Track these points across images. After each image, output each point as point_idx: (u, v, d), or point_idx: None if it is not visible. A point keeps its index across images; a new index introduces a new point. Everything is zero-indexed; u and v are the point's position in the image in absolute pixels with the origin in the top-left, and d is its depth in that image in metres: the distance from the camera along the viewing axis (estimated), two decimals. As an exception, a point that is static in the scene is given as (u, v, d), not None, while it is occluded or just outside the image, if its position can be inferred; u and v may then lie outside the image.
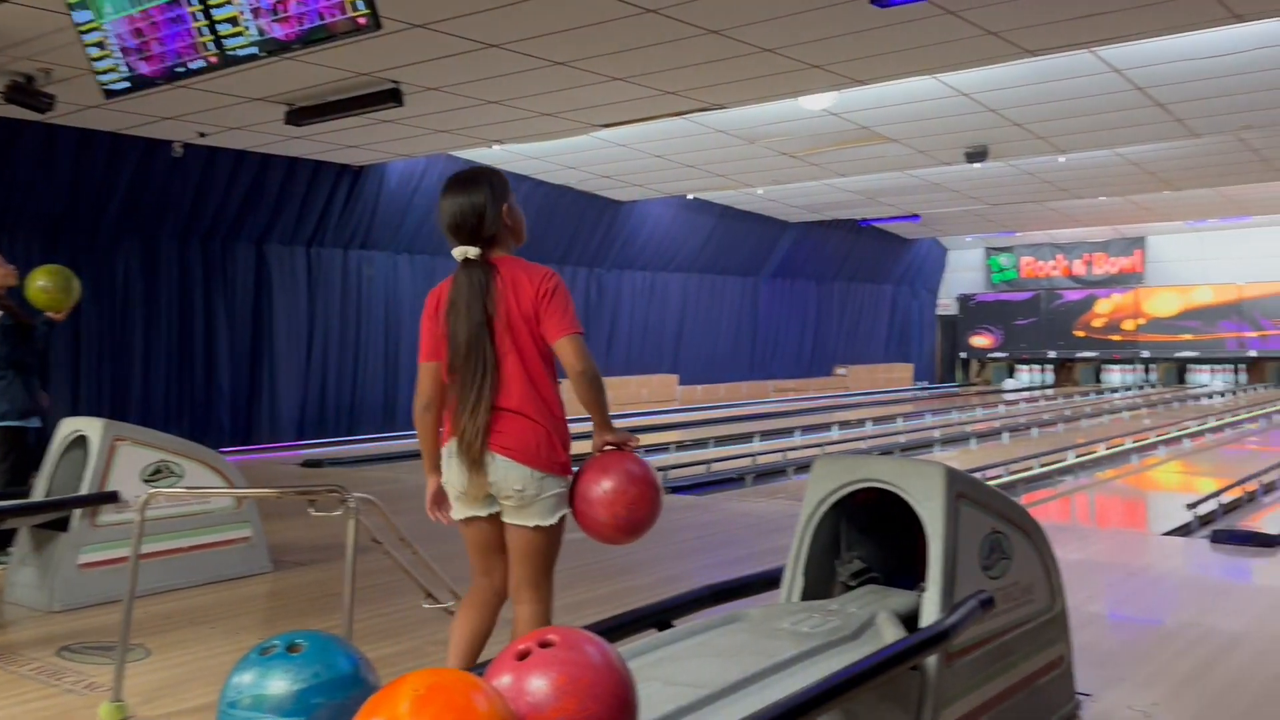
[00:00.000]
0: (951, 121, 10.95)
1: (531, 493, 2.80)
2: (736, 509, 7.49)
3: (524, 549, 2.86)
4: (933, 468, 2.77)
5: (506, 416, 2.80)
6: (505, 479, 2.81)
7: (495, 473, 2.81)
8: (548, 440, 2.82)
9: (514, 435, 2.80)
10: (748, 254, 19.34)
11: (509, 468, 2.79)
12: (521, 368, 2.80)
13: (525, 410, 2.80)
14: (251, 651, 1.77)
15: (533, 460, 2.79)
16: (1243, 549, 5.80)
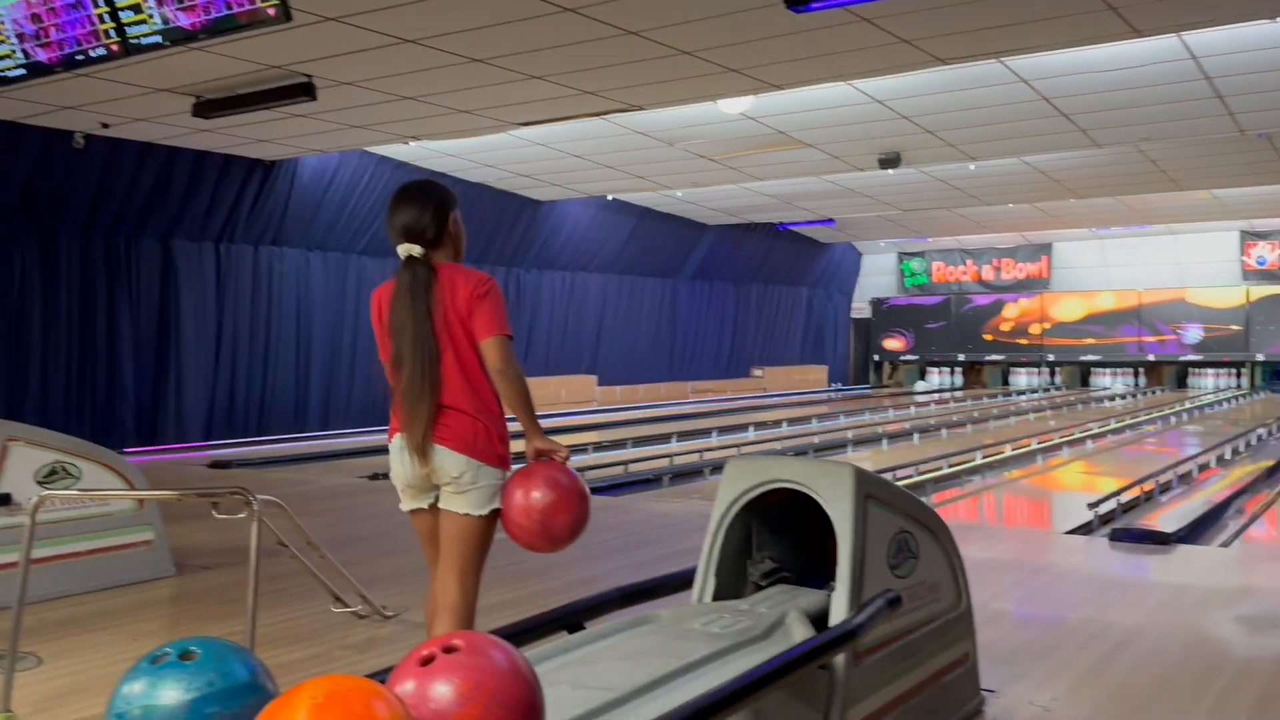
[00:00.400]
0: (866, 128, 11.13)
1: (468, 480, 2.94)
2: (653, 510, 7.49)
3: (454, 535, 2.98)
4: (842, 468, 2.80)
5: (446, 412, 2.95)
6: (444, 466, 2.96)
7: (437, 462, 2.96)
8: (485, 434, 2.97)
9: (453, 429, 2.95)
10: (667, 255, 19.40)
11: (448, 457, 2.95)
12: (458, 366, 2.95)
13: (462, 406, 2.95)
14: (142, 660, 1.70)
15: (470, 450, 2.94)
16: (1140, 547, 5.99)
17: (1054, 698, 3.48)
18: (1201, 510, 7.34)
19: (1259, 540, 7.06)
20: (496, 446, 2.99)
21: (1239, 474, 9.58)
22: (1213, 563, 5.79)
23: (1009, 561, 5.74)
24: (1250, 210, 19.28)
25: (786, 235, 21.86)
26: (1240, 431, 12.81)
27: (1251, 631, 4.36)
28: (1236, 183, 15.61)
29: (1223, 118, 10.37)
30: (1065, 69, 9.05)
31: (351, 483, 9.02)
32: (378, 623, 4.49)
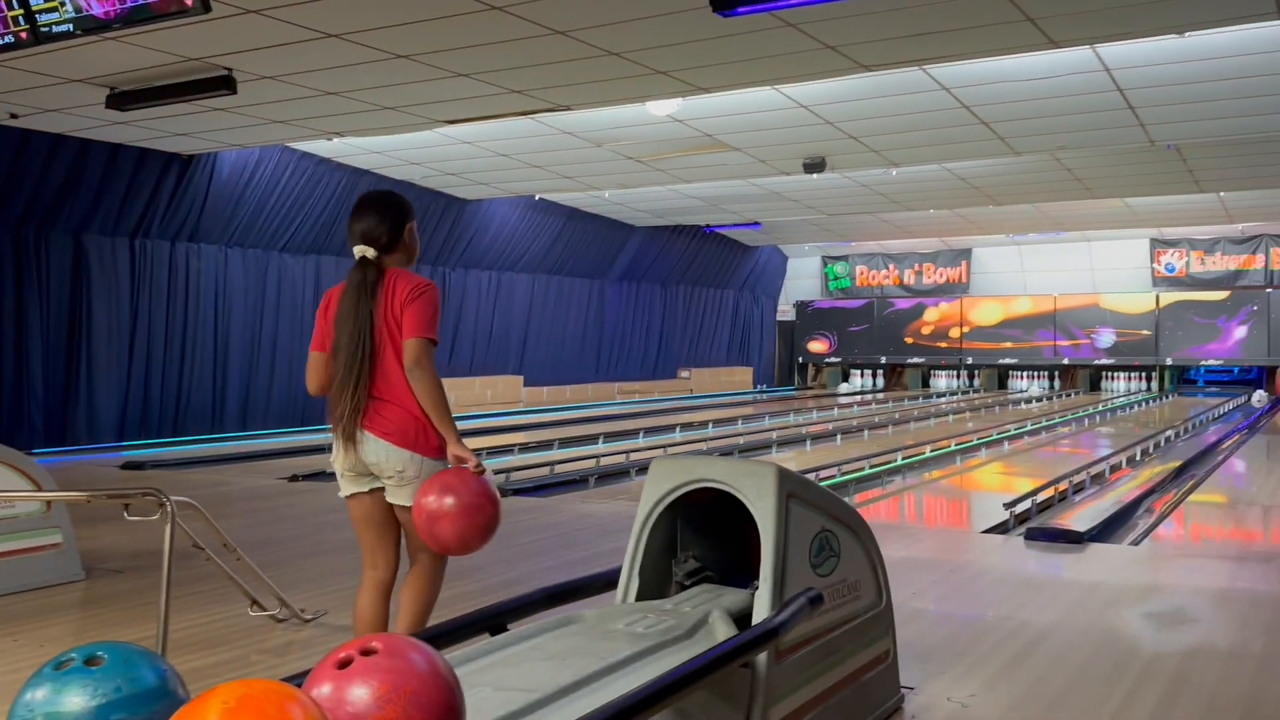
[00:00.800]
0: (791, 132, 11.24)
1: (411, 474, 3.14)
2: (578, 510, 7.47)
3: (410, 523, 3.21)
4: (765, 468, 2.81)
5: (384, 404, 3.15)
6: (386, 461, 3.15)
7: (375, 454, 3.15)
8: (421, 426, 3.15)
9: (391, 421, 3.14)
10: (594, 256, 19.39)
11: (388, 450, 3.14)
12: (397, 362, 3.15)
13: (401, 400, 3.15)
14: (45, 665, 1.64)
15: (409, 444, 3.14)
16: (1054, 546, 6.13)
17: (971, 694, 3.54)
18: (1113, 510, 7.54)
19: (1167, 539, 7.29)
20: (432, 438, 3.16)
21: (1148, 474, 9.88)
22: (1123, 561, 5.95)
23: (928, 560, 5.84)
24: (1160, 219, 19.92)
25: (713, 238, 22.00)
26: (1150, 433, 13.21)
27: (1159, 628, 4.49)
28: (1147, 192, 16.10)
29: (1134, 128, 10.69)
30: (985, 78, 9.24)
31: (271, 484, 8.85)
32: (296, 626, 4.41)
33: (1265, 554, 6.37)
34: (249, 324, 13.40)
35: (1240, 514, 8.23)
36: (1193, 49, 8.36)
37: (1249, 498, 9.03)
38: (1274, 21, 7.47)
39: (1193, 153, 12.58)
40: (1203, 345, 21.90)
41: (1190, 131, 10.98)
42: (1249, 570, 5.62)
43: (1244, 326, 21.49)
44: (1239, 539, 7.25)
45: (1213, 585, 5.28)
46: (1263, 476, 10.43)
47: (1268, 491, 9.30)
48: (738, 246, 23.42)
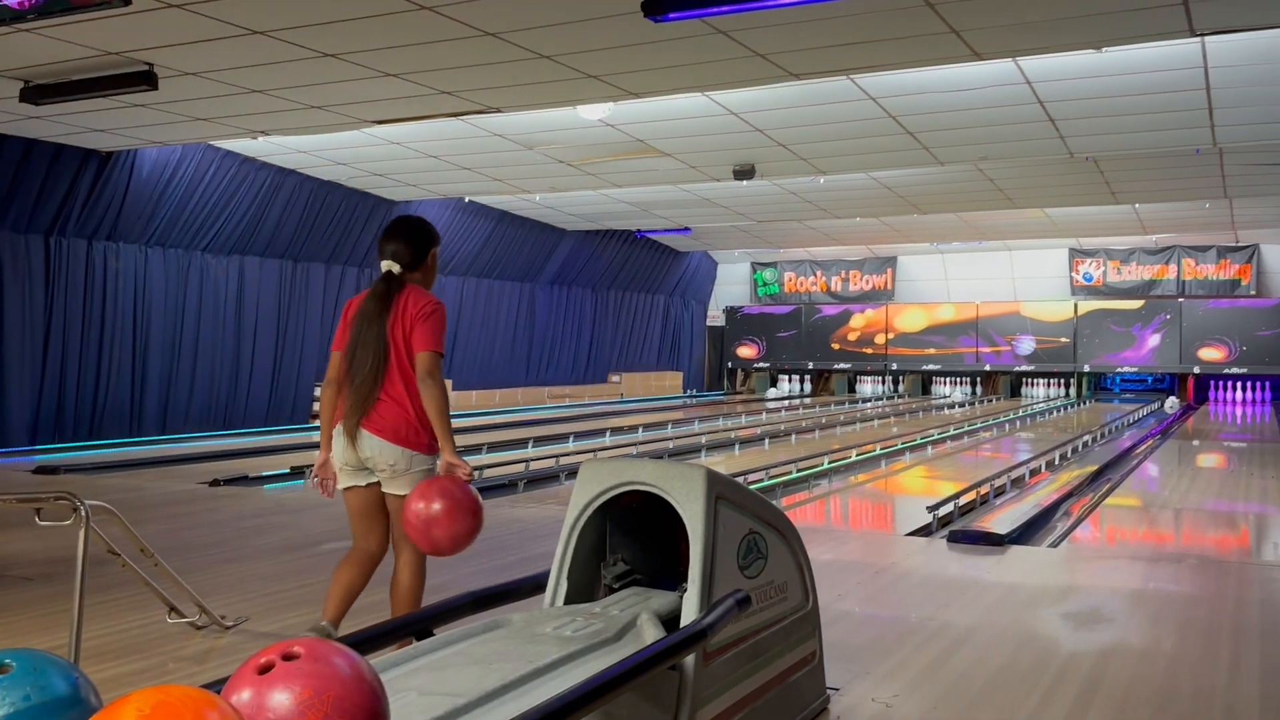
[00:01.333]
0: (721, 139, 11.32)
1: (402, 467, 3.54)
2: (508, 515, 7.43)
3: (399, 512, 3.55)
4: (694, 471, 2.82)
5: (383, 404, 3.54)
6: (380, 455, 3.54)
7: (370, 449, 3.55)
8: (414, 426, 3.54)
9: (387, 419, 3.53)
10: (525, 260, 19.31)
11: (382, 446, 3.53)
12: (399, 369, 3.54)
13: (398, 400, 3.53)
14: (-51, 676, 1.57)
15: (402, 440, 3.53)
16: (975, 548, 6.25)
17: (895, 694, 3.59)
18: (1032, 513, 7.71)
19: (1084, 541, 7.48)
20: (423, 437, 3.55)
21: (1066, 478, 10.12)
22: (1042, 562, 6.09)
23: (854, 562, 5.91)
24: (1078, 229, 20.46)
25: (644, 243, 22.05)
26: (1068, 438, 13.55)
27: (1076, 627, 4.60)
28: (1066, 203, 16.52)
29: (1054, 140, 10.96)
30: (911, 88, 9.41)
31: (191, 489, 8.65)
32: (216, 633, 4.31)
33: (1177, 555, 6.57)
34: (169, 325, 13.09)
35: (1154, 516, 8.48)
36: (1110, 64, 8.60)
37: (1162, 501, 9.31)
38: (1187, 39, 7.72)
39: (1110, 165, 12.95)
40: (1118, 353, 22.54)
41: (1107, 145, 11.30)
42: (1161, 571, 5.79)
43: (1157, 335, 22.18)
44: (1152, 541, 7.46)
45: (1127, 586, 5.43)
46: (1175, 480, 10.76)
47: (1179, 494, 9.60)
48: (668, 252, 23.51)
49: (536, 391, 20.02)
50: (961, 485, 8.78)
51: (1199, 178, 13.67)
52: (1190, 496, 9.46)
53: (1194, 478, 10.95)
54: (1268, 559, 6.81)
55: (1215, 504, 9.10)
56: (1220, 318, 21.65)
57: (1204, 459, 13.11)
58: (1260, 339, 21.23)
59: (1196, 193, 15.17)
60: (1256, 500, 9.28)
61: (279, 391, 14.67)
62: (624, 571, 3.05)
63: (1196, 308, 21.83)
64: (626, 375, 22.71)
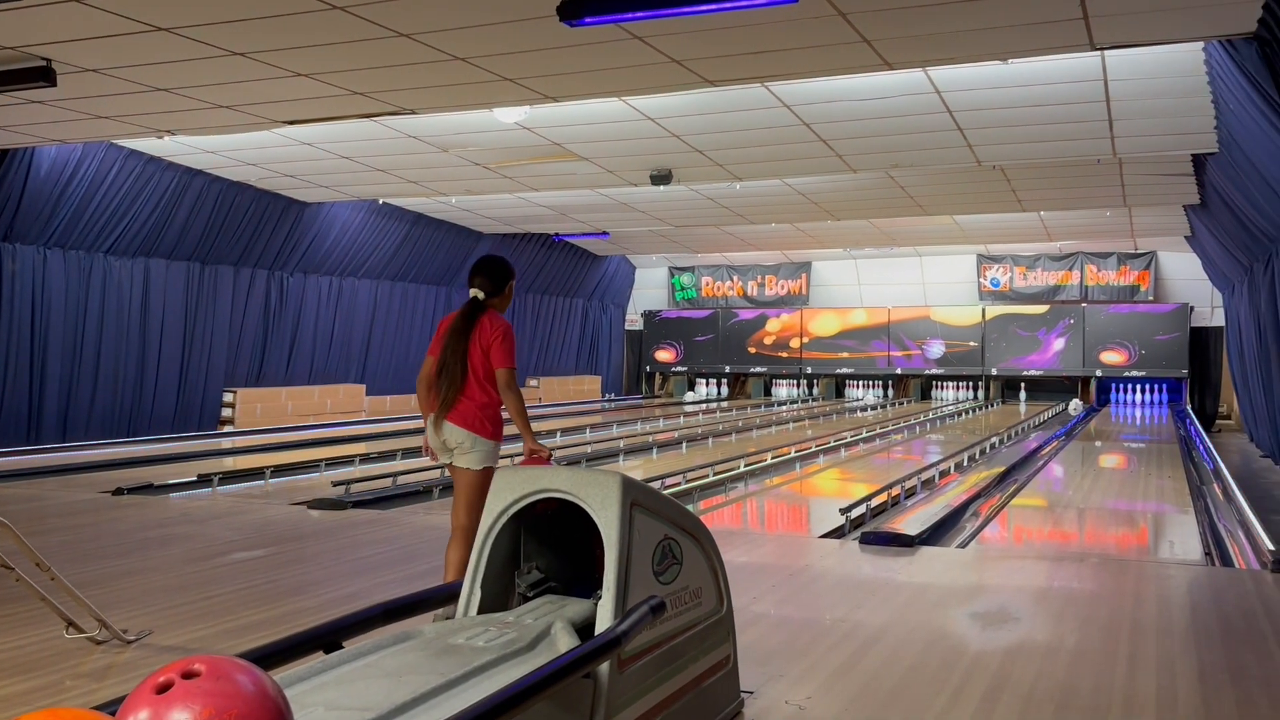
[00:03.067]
0: (638, 144, 11.35)
1: (467, 447, 4.63)
2: (422, 523, 7.34)
3: (463, 483, 4.67)
4: (609, 477, 2.82)
5: (463, 400, 4.64)
6: (452, 436, 4.64)
7: (447, 433, 4.65)
8: (480, 417, 4.64)
9: (460, 412, 4.64)
10: (441, 263, 19.13)
11: (454, 430, 4.64)
12: (474, 375, 4.66)
13: (473, 398, 4.65)
14: None
15: (469, 426, 4.63)
16: (887, 549, 6.36)
17: (808, 696, 3.63)
18: (942, 514, 7.87)
19: (992, 541, 7.66)
20: (487, 426, 4.65)
21: (975, 480, 10.35)
22: (951, 563, 6.22)
23: (769, 565, 5.97)
24: (986, 236, 20.97)
25: (562, 246, 22.01)
26: (976, 440, 13.87)
27: (984, 627, 4.71)
28: (974, 210, 16.92)
29: (962, 149, 11.21)
30: (824, 96, 9.55)
31: (93, 498, 8.37)
32: (117, 648, 4.17)
33: (1080, 554, 6.77)
34: (70, 328, 12.65)
35: (1058, 516, 8.73)
36: (1016, 75, 8.84)
37: (1066, 500, 9.59)
38: (1088, 53, 7.97)
39: (1016, 174, 13.30)
40: (1024, 356, 23.15)
41: (1013, 154, 11.60)
42: (1065, 569, 5.96)
43: (1062, 339, 22.84)
44: (1057, 540, 7.68)
45: (1033, 584, 5.58)
46: (1078, 480, 11.09)
47: (1082, 494, 9.89)
48: (586, 256, 23.50)
49: (453, 396, 19.78)
50: (874, 487, 8.93)
51: (1100, 187, 14.12)
52: (1092, 496, 9.76)
53: (1096, 478, 11.30)
54: (1164, 556, 7.05)
55: (1116, 503, 9.41)
56: (1121, 322, 22.38)
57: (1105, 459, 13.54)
58: (1158, 343, 22.00)
59: (1098, 201, 15.66)
60: (1154, 499, 9.61)
61: (186, 397, 14.29)
62: (539, 580, 3.03)
63: (1099, 312, 22.54)
64: (545, 379, 22.64)
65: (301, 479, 9.97)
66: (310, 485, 9.46)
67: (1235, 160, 9.83)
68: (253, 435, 14.12)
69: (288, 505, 8.10)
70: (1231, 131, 9.17)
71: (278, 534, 6.88)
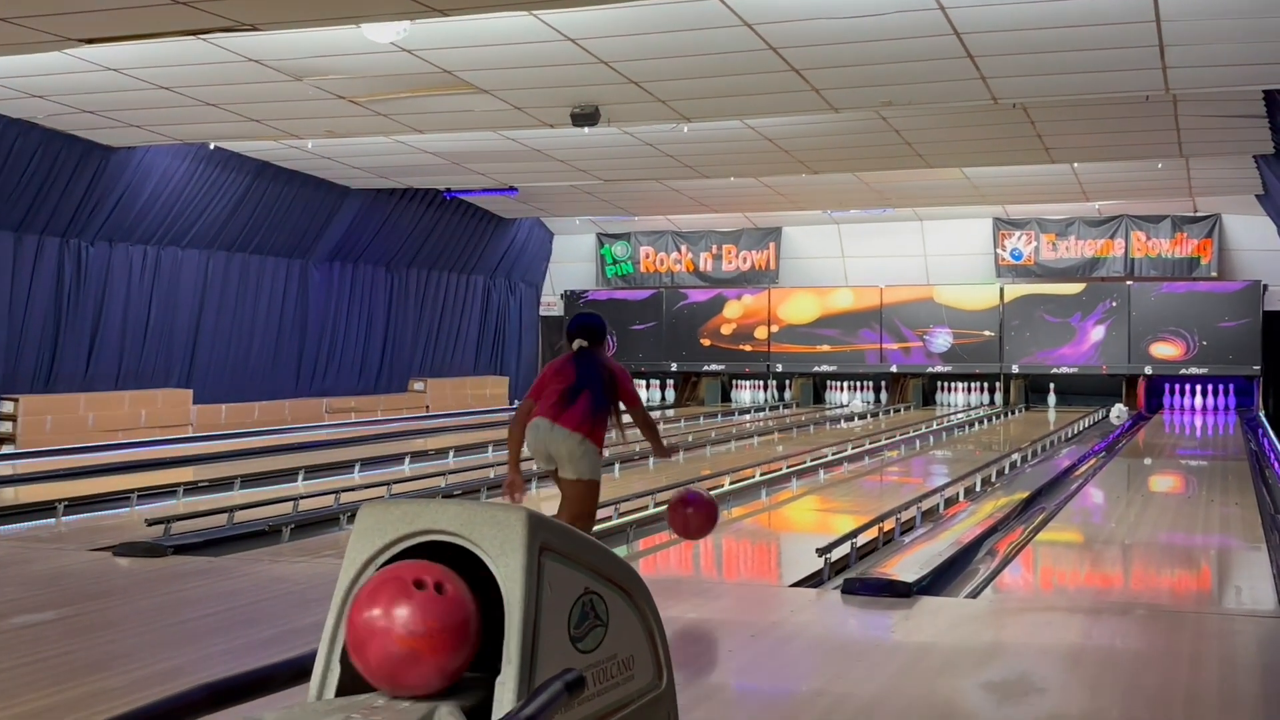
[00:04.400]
0: (555, 73, 11.32)
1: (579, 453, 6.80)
2: (268, 573, 7.29)
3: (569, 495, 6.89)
4: (511, 514, 2.80)
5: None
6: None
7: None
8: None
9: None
10: (294, 228, 18.97)
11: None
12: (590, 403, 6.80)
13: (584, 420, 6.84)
14: None
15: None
16: (877, 600, 6.40)
17: (775, 794, 3.64)
18: (948, 553, 7.95)
19: (1012, 588, 7.75)
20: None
21: (990, 508, 10.47)
22: (960, 617, 6.28)
23: (726, 622, 5.99)
24: (1005, 195, 21.28)
25: (456, 206, 21.90)
26: (993, 458, 14.05)
27: (1001, 700, 4.76)
28: (990, 161, 17.16)
29: (974, 82, 11.34)
30: (795, 13, 9.60)
31: None
32: None
33: (1123, 604, 6.88)
34: None
35: (1096, 554, 8.88)
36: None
37: (1106, 535, 9.75)
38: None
39: (1042, 115, 13.50)
40: (1054, 349, 23.50)
41: (1040, 88, 11.77)
42: (1104, 625, 6.05)
43: (1101, 326, 23.21)
44: (1094, 585, 7.80)
45: (1063, 643, 5.66)
46: (1122, 508, 11.29)
47: (1127, 527, 10.07)
48: (488, 219, 23.41)
49: (310, 405, 19.69)
50: (861, 520, 8.99)
51: (1149, 131, 14.39)
52: (1140, 529, 9.95)
53: (1145, 505, 11.52)
54: (1229, 606, 7.21)
55: (1169, 538, 9.59)
56: (1176, 305, 22.82)
57: (1157, 482, 13.80)
58: (1223, 331, 22.42)
59: (1146, 150, 15.97)
60: (1218, 532, 9.82)
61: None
62: (418, 648, 3.00)
63: (1148, 292, 22.95)
64: (433, 382, 22.55)
65: (106, 516, 9.81)
66: (118, 524, 9.30)
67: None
68: (40, 458, 13.85)
69: (87, 551, 7.96)
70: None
71: (74, 590, 6.76)
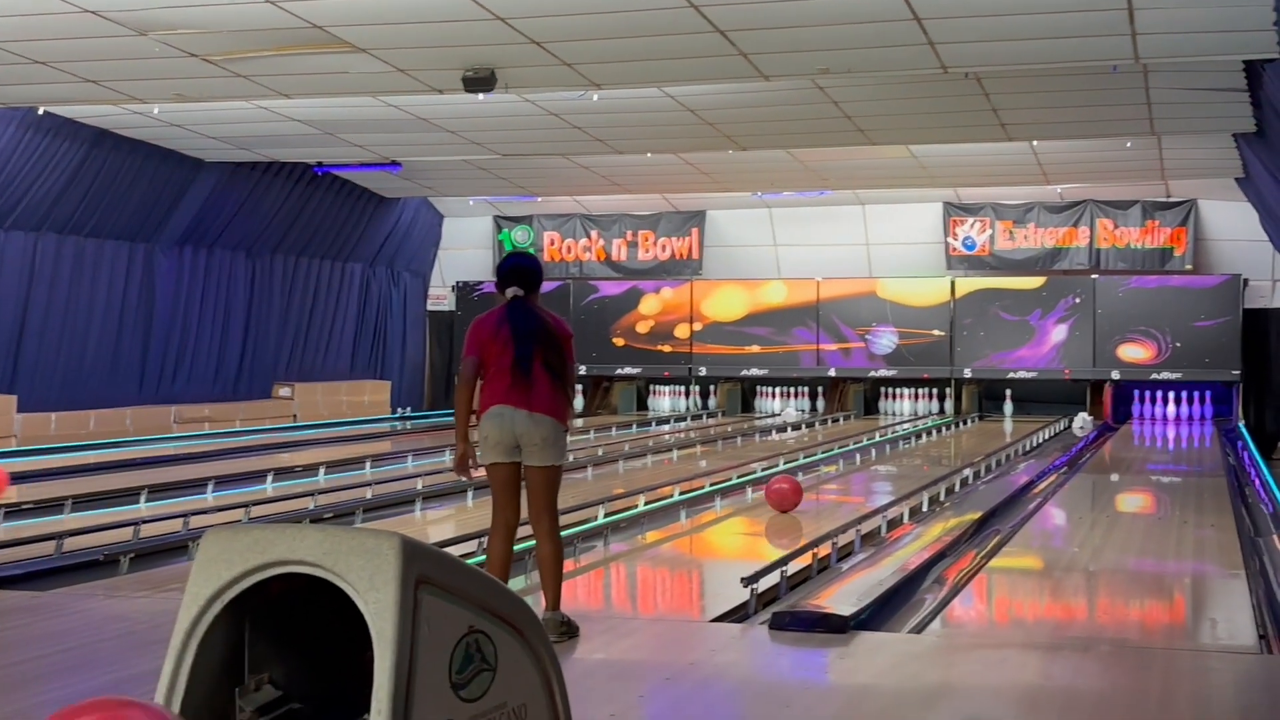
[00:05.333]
0: (446, 30, 11.26)
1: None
2: (103, 610, 7.22)
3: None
4: (383, 541, 2.79)
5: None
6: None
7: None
8: None
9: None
10: (138, 207, 18.78)
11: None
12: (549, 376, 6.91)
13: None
14: None
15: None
16: (810, 636, 6.42)
17: None
18: (891, 582, 8.01)
19: (962, 621, 7.82)
20: None
21: (939, 531, 10.58)
22: (903, 655, 6.33)
23: (639, 663, 6.01)
24: (956, 176, 21.53)
25: (329, 183, 21.78)
26: (943, 474, 14.21)
27: (947, 747, 4.81)
28: (939, 138, 17.33)
29: (922, 48, 11.44)
30: (721, -35, 9.63)
31: None
32: None
33: (1085, 639, 6.98)
34: None
35: (1057, 583, 9.00)
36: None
37: (1067, 561, 9.89)
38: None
39: (998, 86, 13.67)
40: (1011, 350, 23.78)
41: (994, 55, 11.90)
42: (1065, 662, 6.14)
43: (1063, 325, 23.53)
44: (1054, 618, 7.91)
45: (1018, 684, 5.73)
46: (1086, 531, 11.45)
47: (1091, 551, 10.22)
48: (367, 198, 23.29)
49: (157, 413, 19.51)
50: (793, 545, 9.05)
51: (1118, 105, 14.63)
52: (1105, 554, 10.10)
53: (1110, 527, 11.69)
54: (1204, 641, 7.34)
55: (1138, 564, 9.75)
56: (1147, 301, 23.20)
57: (1124, 500, 14.01)
58: (1199, 331, 22.81)
59: (1114, 127, 16.23)
60: (1192, 558, 10.00)
61: None
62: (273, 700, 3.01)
63: (1115, 287, 23.33)
64: (301, 387, 22.43)
65: (-88, 544, 9.61)
66: (-74, 553, 9.12)
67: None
68: None
69: (-113, 586, 7.81)
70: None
71: None
